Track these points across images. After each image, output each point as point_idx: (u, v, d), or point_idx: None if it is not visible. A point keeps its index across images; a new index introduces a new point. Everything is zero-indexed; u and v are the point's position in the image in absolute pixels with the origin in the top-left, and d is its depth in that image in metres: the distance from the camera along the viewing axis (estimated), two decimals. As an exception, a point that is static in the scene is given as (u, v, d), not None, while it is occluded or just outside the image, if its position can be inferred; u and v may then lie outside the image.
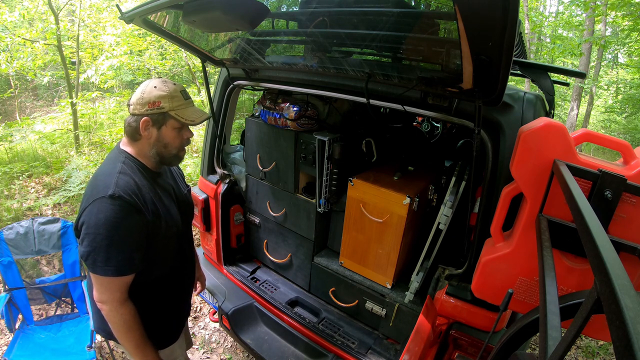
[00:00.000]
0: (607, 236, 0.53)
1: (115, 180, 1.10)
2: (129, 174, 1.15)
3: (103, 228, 1.05)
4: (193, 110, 1.24)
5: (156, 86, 1.16)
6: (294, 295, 2.16)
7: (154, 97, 1.15)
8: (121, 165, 1.17)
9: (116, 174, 1.13)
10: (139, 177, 1.18)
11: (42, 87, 9.45)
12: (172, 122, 1.19)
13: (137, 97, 1.17)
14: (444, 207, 1.55)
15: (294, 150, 1.93)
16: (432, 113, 1.40)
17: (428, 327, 1.35)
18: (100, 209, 1.06)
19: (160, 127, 1.19)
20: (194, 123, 1.22)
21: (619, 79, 14.37)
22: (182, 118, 1.19)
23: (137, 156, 1.22)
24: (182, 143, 1.26)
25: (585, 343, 2.75)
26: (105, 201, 1.06)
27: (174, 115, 1.18)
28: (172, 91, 1.18)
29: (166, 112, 1.17)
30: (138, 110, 1.16)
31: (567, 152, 0.97)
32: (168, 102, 1.17)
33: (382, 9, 1.23)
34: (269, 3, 1.56)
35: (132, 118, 1.18)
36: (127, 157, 1.21)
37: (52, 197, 4.09)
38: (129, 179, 1.14)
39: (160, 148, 1.22)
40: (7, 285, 2.21)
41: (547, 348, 0.53)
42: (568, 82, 2.17)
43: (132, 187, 1.12)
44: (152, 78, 1.33)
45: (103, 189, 1.08)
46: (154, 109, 1.16)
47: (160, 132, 1.20)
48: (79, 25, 5.47)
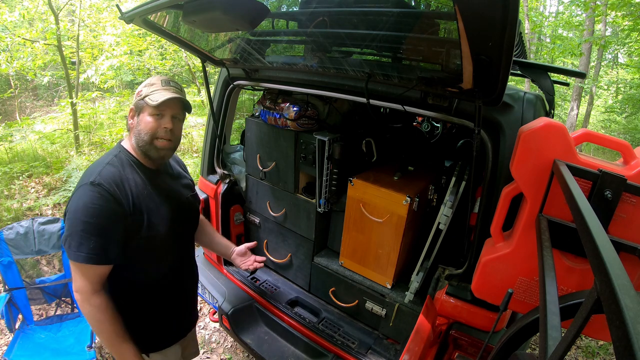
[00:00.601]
0: (607, 236, 0.53)
1: (100, 169, 1.13)
2: (117, 166, 1.17)
3: (80, 212, 1.07)
4: (163, 93, 1.20)
5: (144, 81, 1.24)
6: (294, 295, 2.16)
7: (141, 87, 1.22)
8: (112, 157, 1.19)
9: (104, 165, 1.15)
10: (129, 171, 1.19)
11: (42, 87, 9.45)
12: (147, 108, 1.20)
13: (136, 93, 1.24)
14: (444, 207, 1.55)
15: (294, 150, 1.93)
16: (432, 113, 1.40)
17: (428, 327, 1.35)
18: (81, 195, 1.09)
19: (139, 114, 1.21)
20: (156, 103, 1.17)
21: (619, 79, 14.37)
22: (152, 100, 1.18)
23: (131, 150, 1.24)
24: (157, 131, 1.21)
25: (585, 343, 2.75)
26: (86, 187, 1.09)
27: (147, 101, 1.18)
28: (155, 80, 1.21)
29: (142, 98, 1.19)
30: (133, 101, 1.23)
31: (567, 152, 0.97)
32: (146, 89, 1.20)
33: (382, 9, 1.23)
34: (269, 3, 1.56)
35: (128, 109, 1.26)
36: (122, 150, 1.23)
37: (52, 197, 4.09)
38: (115, 171, 1.15)
39: (137, 136, 1.21)
40: (7, 285, 2.21)
41: (547, 348, 0.53)
42: (568, 82, 2.17)
43: (115, 178, 1.13)
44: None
45: (87, 177, 1.11)
46: (137, 98, 1.21)
47: (139, 120, 1.21)
48: (79, 25, 5.47)
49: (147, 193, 1.21)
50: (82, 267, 1.10)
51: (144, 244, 1.21)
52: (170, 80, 1.24)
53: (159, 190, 1.27)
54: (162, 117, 1.20)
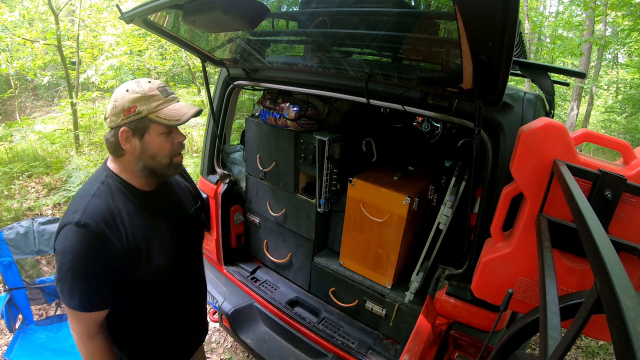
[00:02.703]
0: (607, 236, 0.53)
1: (85, 204, 0.98)
2: (105, 198, 1.01)
3: (68, 257, 0.95)
4: (176, 107, 1.05)
5: (128, 89, 1.00)
6: (294, 295, 2.16)
7: (128, 101, 0.99)
8: (99, 186, 1.03)
9: (89, 198, 1.00)
10: (120, 200, 1.04)
11: (42, 87, 9.45)
12: (155, 127, 1.02)
13: (110, 107, 1.01)
14: (444, 207, 1.55)
15: (294, 150, 1.93)
16: (432, 113, 1.40)
17: (428, 327, 1.35)
18: (67, 235, 0.95)
19: (142, 136, 1.02)
20: (179, 122, 1.03)
21: (619, 79, 14.37)
22: (165, 119, 1.01)
23: (121, 174, 1.07)
24: (174, 149, 1.08)
25: (585, 343, 2.75)
26: (71, 228, 0.95)
27: (154, 118, 1.01)
28: (148, 90, 1.01)
29: (145, 116, 1.00)
30: (114, 122, 1.00)
31: (567, 152, 0.97)
32: (145, 104, 1.00)
33: (382, 9, 1.23)
34: (269, 3, 1.56)
35: (110, 133, 1.02)
36: (110, 175, 1.06)
37: (52, 197, 4.09)
38: (102, 204, 1.00)
39: (147, 160, 1.05)
40: (7, 285, 2.21)
41: (547, 348, 0.53)
42: (568, 82, 2.17)
43: (103, 214, 0.98)
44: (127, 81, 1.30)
45: (72, 214, 0.97)
46: (131, 116, 0.99)
47: (143, 142, 1.03)
48: (79, 25, 5.47)
49: (143, 223, 1.07)
50: (76, 313, 1.00)
51: (146, 277, 1.08)
52: (165, 85, 1.06)
53: (158, 215, 1.13)
54: (171, 131, 1.07)
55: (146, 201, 1.10)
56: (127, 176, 1.07)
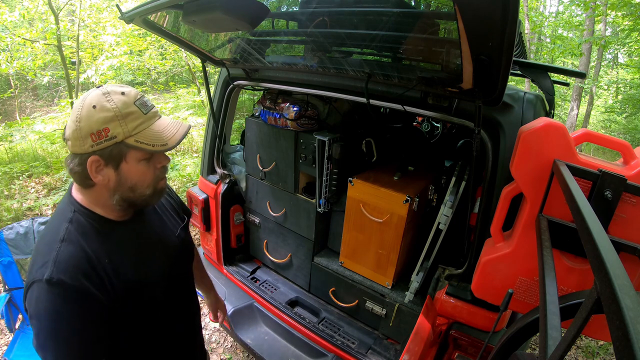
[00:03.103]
0: (607, 236, 0.53)
1: (55, 255, 0.78)
2: (77, 241, 0.81)
3: (44, 323, 0.76)
4: (160, 126, 0.85)
5: (95, 105, 0.77)
6: (294, 295, 2.16)
7: (97, 122, 0.77)
8: (67, 226, 0.83)
9: (57, 244, 0.80)
10: (95, 240, 0.84)
11: (42, 87, 9.45)
12: (134, 154, 0.82)
13: (72, 127, 0.78)
14: (444, 207, 1.55)
15: (294, 150, 1.93)
16: (432, 113, 1.40)
17: (428, 327, 1.35)
18: (39, 297, 0.76)
19: (118, 166, 0.82)
20: (166, 148, 0.83)
21: (619, 79, 14.38)
22: (147, 144, 0.81)
23: (92, 207, 0.87)
24: (157, 175, 0.90)
25: (585, 343, 2.75)
26: (43, 287, 0.75)
27: (133, 143, 0.80)
28: (122, 106, 0.79)
29: (121, 141, 0.79)
30: (79, 147, 0.78)
31: (567, 152, 0.97)
32: (120, 126, 0.79)
33: (382, 9, 1.23)
34: (269, 3, 1.56)
35: (73, 160, 0.80)
36: (79, 210, 0.86)
37: (52, 197, 4.09)
38: (75, 251, 0.80)
39: (125, 193, 0.86)
40: (7, 285, 2.21)
41: (547, 348, 0.53)
42: (568, 82, 2.17)
43: (80, 264, 0.79)
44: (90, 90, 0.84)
45: (40, 268, 0.77)
46: (102, 142, 0.78)
47: (120, 173, 0.83)
48: (79, 25, 5.47)
49: (128, 261, 0.89)
50: None
51: (137, 317, 0.94)
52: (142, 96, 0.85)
53: (143, 245, 0.96)
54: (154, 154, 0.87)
55: (127, 234, 0.92)
56: (99, 209, 0.88)
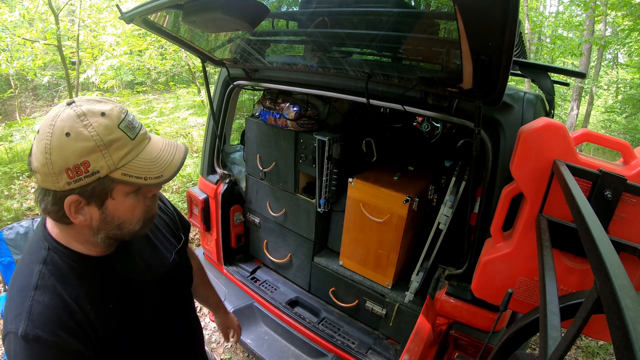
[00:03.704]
0: (607, 236, 0.53)
1: (28, 306, 0.67)
2: (52, 288, 0.69)
3: None
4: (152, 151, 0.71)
5: (69, 132, 0.62)
6: (294, 295, 2.16)
7: (73, 155, 0.62)
8: (40, 269, 0.70)
9: (31, 292, 0.68)
10: (74, 284, 0.72)
11: (42, 87, 9.46)
12: (121, 188, 0.69)
13: (40, 159, 0.63)
14: (444, 207, 1.55)
15: (294, 150, 1.93)
16: (432, 113, 1.40)
17: (428, 327, 1.35)
18: (17, 352, 0.66)
19: (102, 203, 0.69)
20: (161, 180, 0.70)
21: (619, 79, 14.38)
22: (139, 178, 0.68)
23: (69, 243, 0.74)
24: (148, 206, 0.78)
25: (585, 343, 2.75)
26: (19, 343, 0.65)
27: (120, 177, 0.67)
28: (104, 132, 0.64)
29: (105, 175, 0.66)
30: (51, 184, 0.64)
31: (567, 152, 0.97)
32: (104, 158, 0.64)
33: (382, 9, 1.23)
34: (269, 3, 1.56)
35: (45, 198, 0.67)
36: (53, 247, 0.73)
37: (52, 197, 4.08)
38: (51, 300, 0.68)
39: (112, 230, 0.73)
40: (7, 285, 2.21)
41: (547, 348, 0.53)
42: (568, 82, 2.17)
43: (58, 314, 0.68)
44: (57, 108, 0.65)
45: (14, 320, 0.67)
46: (82, 178, 0.64)
47: (104, 210, 0.70)
48: (79, 25, 5.47)
49: (113, 302, 0.77)
50: None
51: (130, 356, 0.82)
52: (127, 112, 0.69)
53: (131, 281, 0.82)
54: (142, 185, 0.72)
55: (111, 272, 0.79)
56: (79, 245, 0.74)
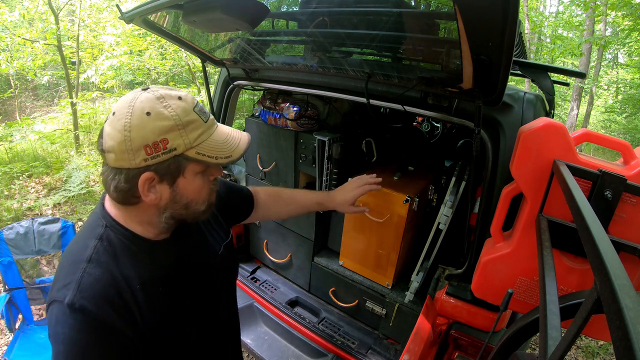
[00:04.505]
0: (607, 236, 0.53)
1: (79, 277, 0.69)
2: (106, 263, 0.72)
3: (61, 348, 0.67)
4: (221, 134, 0.76)
5: (149, 112, 0.66)
6: (294, 295, 2.16)
7: (153, 132, 0.66)
8: (95, 244, 0.73)
9: (83, 264, 0.70)
10: (127, 263, 0.74)
11: (42, 87, 9.45)
12: (192, 167, 0.73)
13: (117, 137, 0.66)
14: (444, 207, 1.55)
15: (294, 150, 1.93)
16: (432, 113, 1.40)
17: (428, 327, 1.35)
18: (59, 319, 0.68)
19: (174, 181, 0.73)
20: (230, 159, 0.75)
21: (619, 79, 14.37)
22: (211, 157, 0.72)
23: (128, 224, 0.76)
24: (211, 189, 0.81)
25: (585, 343, 2.75)
26: (63, 310, 0.67)
27: (193, 156, 0.71)
28: (182, 113, 0.68)
29: (181, 153, 0.70)
30: (127, 161, 0.67)
31: (567, 152, 0.97)
32: (181, 137, 0.68)
33: (382, 9, 1.23)
34: (269, 3, 1.56)
35: (117, 176, 0.69)
36: (111, 226, 0.75)
37: (52, 197, 4.09)
38: (103, 275, 0.70)
39: (178, 210, 0.76)
40: (7, 285, 2.21)
41: (547, 348, 0.53)
42: (568, 82, 2.16)
43: (106, 289, 0.70)
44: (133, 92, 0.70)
45: (62, 289, 0.68)
46: (160, 155, 0.68)
47: (175, 188, 0.73)
48: (79, 25, 5.47)
49: (163, 288, 0.78)
50: None
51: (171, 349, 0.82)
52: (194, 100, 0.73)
53: (181, 269, 0.84)
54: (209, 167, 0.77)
55: (164, 256, 0.81)
56: (138, 226, 0.77)
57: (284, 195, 1.33)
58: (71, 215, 3.87)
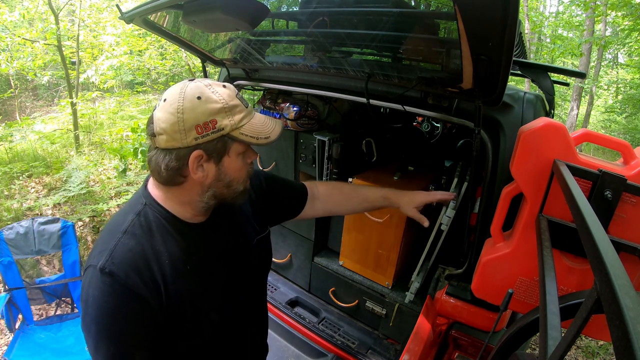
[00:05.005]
0: (607, 236, 0.53)
1: (113, 245, 0.76)
2: (139, 236, 0.78)
3: (90, 309, 0.75)
4: (260, 120, 0.83)
5: (200, 96, 0.74)
6: (294, 295, 2.16)
7: (204, 114, 0.74)
8: (133, 218, 0.80)
9: (119, 235, 0.77)
10: (160, 240, 0.80)
11: (42, 87, 9.45)
12: (236, 147, 0.81)
13: (170, 120, 0.73)
14: (447, 208, 1.55)
15: (294, 150, 1.93)
16: (432, 113, 1.40)
17: (428, 327, 1.35)
18: (91, 282, 0.75)
19: (220, 159, 0.80)
20: (268, 140, 0.82)
21: (619, 79, 14.37)
22: (253, 137, 0.80)
23: (167, 203, 0.83)
24: (248, 171, 0.88)
25: (585, 343, 2.75)
26: (95, 273, 0.74)
27: (237, 136, 0.78)
28: (228, 97, 0.77)
29: (227, 133, 0.77)
30: (179, 141, 0.74)
31: (567, 152, 0.97)
32: (227, 118, 0.76)
33: (382, 9, 1.23)
34: (269, 3, 1.56)
35: (167, 156, 0.76)
36: (150, 204, 0.82)
37: (52, 197, 4.08)
38: (135, 246, 0.77)
39: (220, 189, 0.83)
40: (7, 285, 2.21)
41: (547, 348, 0.53)
42: (568, 82, 2.16)
43: (135, 260, 0.76)
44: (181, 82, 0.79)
45: (98, 255, 0.76)
46: (209, 134, 0.75)
47: (220, 167, 0.80)
48: (79, 25, 5.47)
49: (190, 270, 0.83)
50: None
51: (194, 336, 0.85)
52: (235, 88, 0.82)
53: (211, 255, 0.88)
54: (246, 150, 0.85)
55: (196, 238, 0.86)
56: (175, 207, 0.83)
57: (345, 188, 1.33)
58: (71, 215, 3.87)
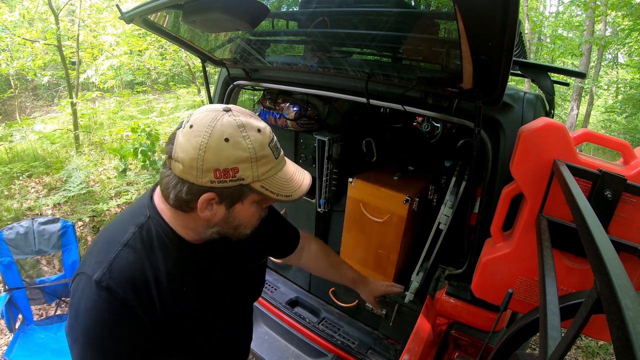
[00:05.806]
0: (607, 236, 0.53)
1: (112, 257, 0.72)
2: (140, 251, 0.75)
3: (80, 319, 0.71)
4: (288, 172, 0.78)
5: (229, 139, 0.67)
6: (294, 295, 2.16)
7: (228, 160, 0.67)
8: (135, 231, 0.76)
9: (119, 247, 0.74)
10: (159, 257, 0.76)
11: (42, 87, 9.46)
12: (252, 197, 0.75)
13: (190, 153, 0.67)
14: (444, 207, 1.55)
15: (294, 150, 1.93)
16: (432, 113, 1.40)
17: (428, 327, 1.35)
18: (83, 292, 0.71)
19: (232, 205, 0.75)
20: (290, 199, 0.76)
21: (619, 79, 14.37)
22: (273, 193, 0.74)
23: (172, 223, 0.78)
24: (261, 216, 0.84)
25: (585, 343, 2.75)
26: (90, 285, 0.70)
27: (258, 188, 0.72)
28: (259, 147, 0.70)
29: (247, 184, 0.71)
30: (194, 177, 0.68)
31: (567, 152, 0.97)
32: (251, 169, 0.70)
33: (382, 9, 1.23)
34: (269, 3, 1.56)
35: (179, 185, 0.71)
36: (154, 219, 0.78)
37: (52, 197, 4.08)
38: (135, 261, 0.74)
39: (226, 229, 0.79)
40: (7, 285, 2.21)
41: (547, 348, 0.53)
42: (568, 82, 2.17)
43: (134, 276, 0.73)
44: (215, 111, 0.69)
45: (94, 265, 0.72)
46: (227, 181, 0.69)
47: (231, 211, 0.76)
48: (79, 25, 5.47)
49: (186, 291, 0.80)
50: None
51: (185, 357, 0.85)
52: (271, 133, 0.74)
53: (208, 277, 0.86)
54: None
55: (196, 259, 0.83)
56: (180, 229, 0.79)
57: (332, 258, 1.38)
58: (71, 215, 3.87)
